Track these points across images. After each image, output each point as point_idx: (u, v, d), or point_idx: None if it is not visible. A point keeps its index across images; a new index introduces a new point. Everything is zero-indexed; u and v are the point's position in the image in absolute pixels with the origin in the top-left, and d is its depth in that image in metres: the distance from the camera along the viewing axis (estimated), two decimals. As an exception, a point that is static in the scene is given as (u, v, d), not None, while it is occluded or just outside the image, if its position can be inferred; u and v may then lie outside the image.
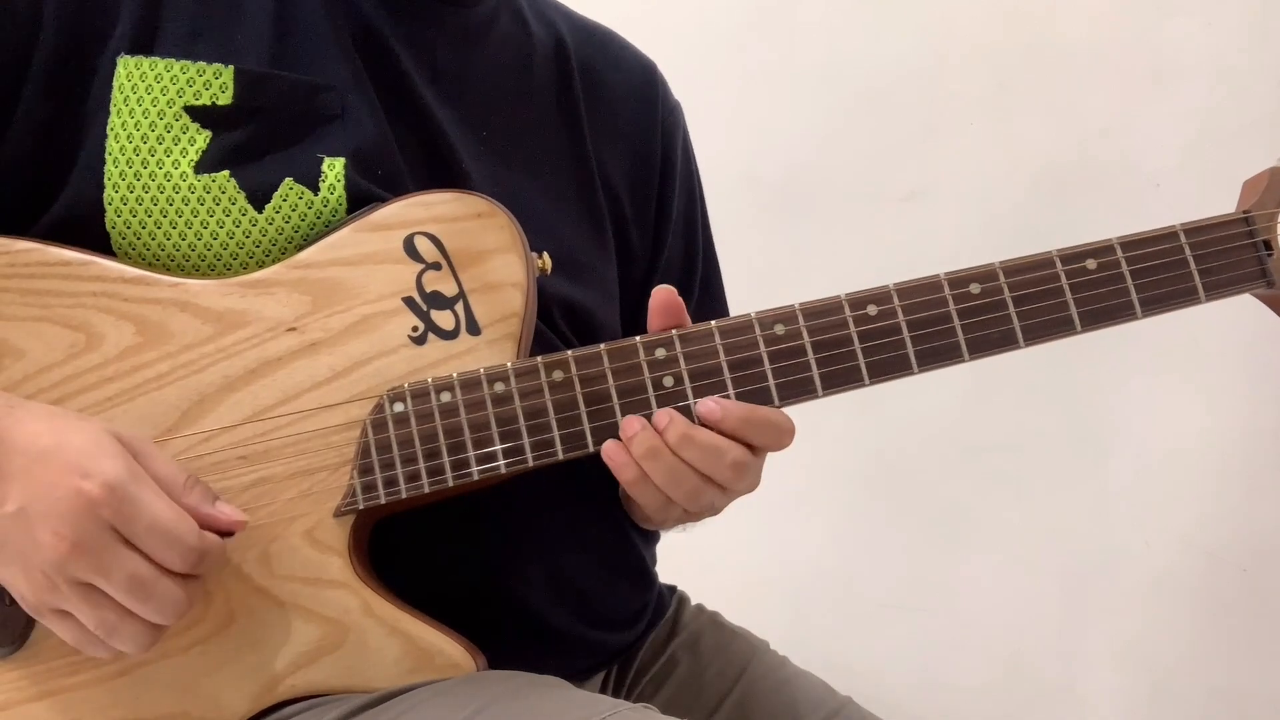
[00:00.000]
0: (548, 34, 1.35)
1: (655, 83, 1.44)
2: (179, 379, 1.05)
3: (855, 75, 2.25)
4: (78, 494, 0.92)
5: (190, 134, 1.10)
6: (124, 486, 0.93)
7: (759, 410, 1.06)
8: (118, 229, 1.08)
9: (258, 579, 1.05)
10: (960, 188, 2.19)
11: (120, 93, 1.10)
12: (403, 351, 1.07)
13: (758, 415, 1.06)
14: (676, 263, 1.44)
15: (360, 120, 1.15)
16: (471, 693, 1.03)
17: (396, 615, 1.06)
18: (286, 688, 1.06)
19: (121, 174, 1.08)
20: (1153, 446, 2.11)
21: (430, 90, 1.21)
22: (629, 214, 1.36)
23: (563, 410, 1.07)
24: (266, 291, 1.07)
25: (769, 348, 1.08)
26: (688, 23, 2.30)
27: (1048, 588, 2.19)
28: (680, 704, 1.35)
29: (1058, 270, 1.09)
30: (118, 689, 1.05)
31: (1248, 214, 1.12)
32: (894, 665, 2.25)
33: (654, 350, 1.07)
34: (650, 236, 1.40)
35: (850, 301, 1.08)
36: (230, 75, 1.12)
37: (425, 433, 1.06)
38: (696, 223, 1.47)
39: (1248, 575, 2.08)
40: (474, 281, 1.08)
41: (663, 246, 1.41)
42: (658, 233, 1.40)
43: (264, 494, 1.05)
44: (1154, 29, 2.08)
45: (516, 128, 1.29)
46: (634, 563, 1.35)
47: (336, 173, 1.12)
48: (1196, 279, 1.10)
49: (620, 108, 1.38)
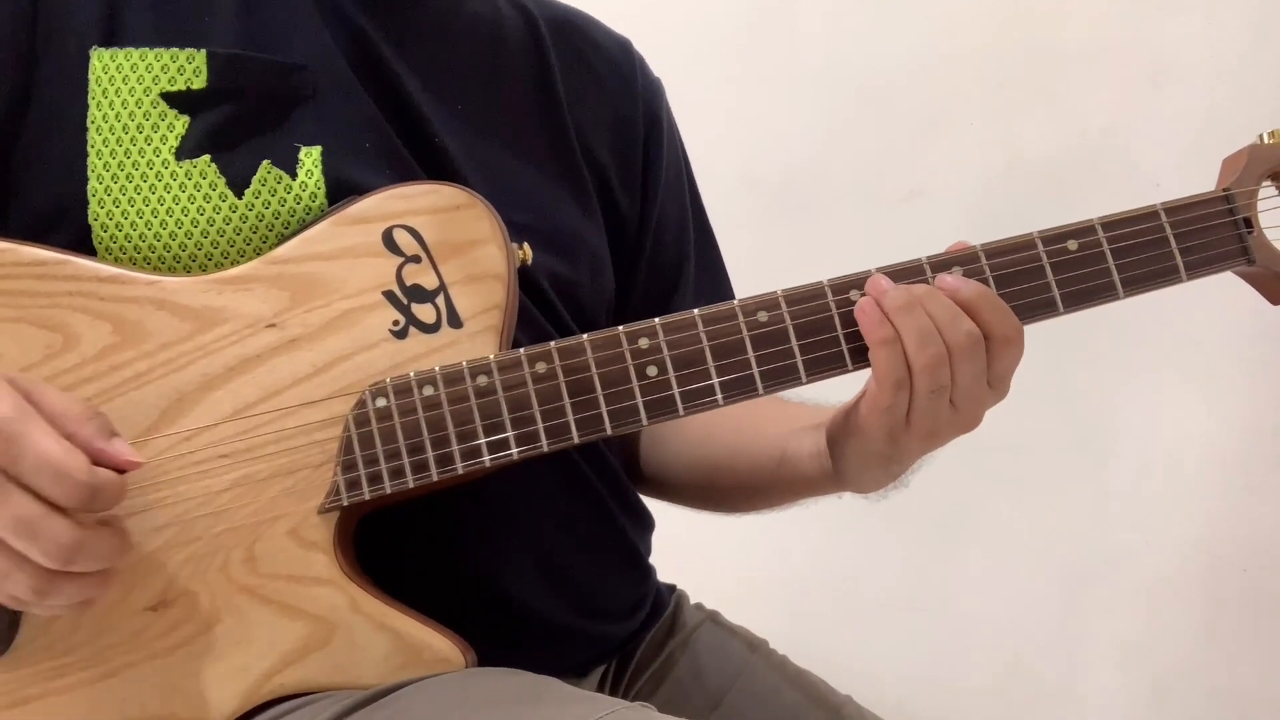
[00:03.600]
0: (519, 12, 1.36)
1: (632, 56, 1.45)
2: (158, 378, 1.05)
3: (855, 75, 2.25)
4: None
5: (169, 120, 1.10)
6: (9, 424, 0.89)
7: (991, 293, 1.07)
8: (100, 220, 1.08)
9: (243, 578, 1.04)
10: (960, 188, 2.19)
11: (98, 85, 1.10)
12: (384, 346, 1.06)
13: (991, 294, 1.07)
14: (671, 226, 1.44)
15: (334, 101, 1.16)
16: (464, 691, 1.02)
17: (384, 611, 1.06)
18: (274, 686, 1.05)
19: (105, 165, 1.08)
20: (1153, 446, 2.11)
21: (403, 66, 1.21)
22: (614, 179, 1.37)
23: (547, 401, 1.06)
24: (245, 288, 1.07)
25: (752, 334, 1.07)
26: (687, 22, 2.31)
27: (1048, 588, 2.19)
28: (679, 702, 1.35)
29: (1039, 251, 1.09)
30: (104, 691, 1.04)
31: (1227, 191, 1.12)
32: (894, 665, 2.24)
33: (637, 340, 1.07)
34: (639, 200, 1.40)
35: (833, 287, 1.08)
36: (203, 59, 1.12)
37: (409, 427, 1.05)
38: (684, 187, 1.48)
39: (1248, 575, 2.07)
40: (455, 274, 1.07)
41: (652, 208, 1.41)
42: (645, 194, 1.40)
43: (247, 492, 1.04)
44: (1154, 29, 2.08)
45: (492, 102, 1.29)
46: (626, 551, 1.35)
47: (313, 160, 1.12)
48: (1178, 257, 1.10)
49: (598, 78, 1.39)
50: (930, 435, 1.10)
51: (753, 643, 1.45)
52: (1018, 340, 1.07)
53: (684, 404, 1.07)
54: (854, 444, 1.15)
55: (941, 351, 1.05)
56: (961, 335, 1.05)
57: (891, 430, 1.08)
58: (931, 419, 1.07)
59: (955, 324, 1.05)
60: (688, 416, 1.08)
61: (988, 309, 1.06)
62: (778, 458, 1.26)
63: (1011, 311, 1.07)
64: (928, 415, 1.07)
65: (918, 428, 1.08)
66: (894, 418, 1.07)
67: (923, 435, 1.09)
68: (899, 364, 1.06)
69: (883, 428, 1.08)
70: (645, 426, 1.07)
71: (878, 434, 1.09)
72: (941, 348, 1.05)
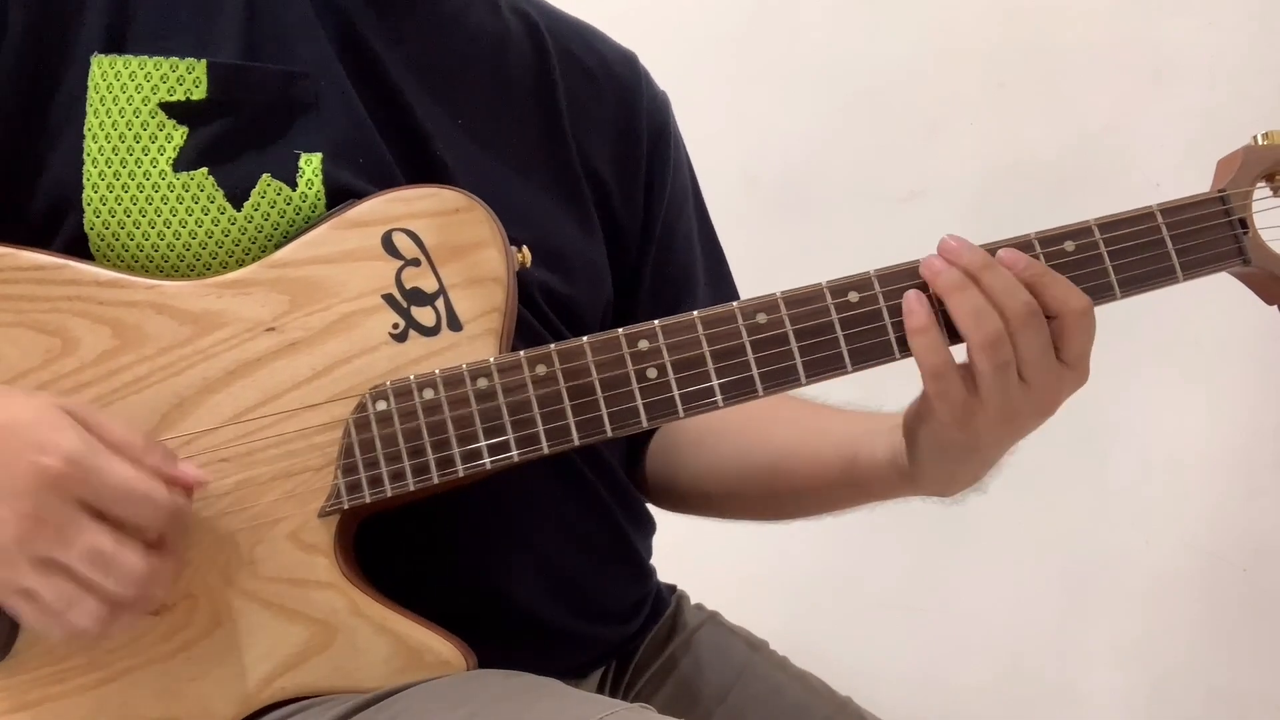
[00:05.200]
0: (523, 23, 1.35)
1: (637, 70, 1.44)
2: (157, 382, 1.05)
3: (855, 75, 2.25)
4: (38, 471, 0.91)
5: (167, 131, 1.10)
6: (85, 458, 0.92)
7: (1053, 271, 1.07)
8: (96, 230, 1.08)
9: (243, 581, 1.04)
10: (960, 188, 2.19)
11: (96, 92, 1.09)
12: (384, 349, 1.06)
13: (1051, 271, 1.06)
14: (679, 240, 1.44)
15: (335, 108, 1.15)
16: (465, 693, 1.02)
17: (385, 614, 1.06)
18: (275, 690, 1.05)
19: (101, 174, 1.08)
20: (1153, 446, 2.12)
21: (404, 77, 1.21)
22: (615, 192, 1.36)
23: (547, 404, 1.06)
24: (244, 291, 1.07)
25: (751, 336, 1.07)
26: (686, 22, 2.30)
27: (1048, 588, 2.19)
28: (679, 703, 1.34)
29: (1037, 253, 1.09)
30: (104, 696, 1.04)
31: (1223, 193, 1.12)
32: (894, 665, 2.24)
33: (637, 342, 1.07)
34: (641, 212, 1.40)
35: (831, 289, 1.08)
36: (203, 69, 1.11)
37: (409, 431, 1.05)
38: (690, 200, 1.48)
39: (1248, 575, 2.08)
40: (454, 277, 1.07)
41: (655, 221, 1.41)
42: (648, 207, 1.40)
43: (247, 496, 1.04)
44: (1154, 29, 2.08)
45: (493, 113, 1.28)
46: (627, 553, 1.35)
47: (314, 168, 1.12)
48: (1174, 258, 1.10)
49: (600, 92, 1.38)
50: (1007, 418, 1.07)
51: (753, 643, 1.44)
52: (1089, 314, 1.06)
53: (684, 405, 1.07)
54: (926, 433, 1.14)
55: (998, 327, 1.03)
56: (1020, 305, 1.04)
57: (957, 412, 1.07)
58: (1002, 397, 1.05)
59: (1013, 296, 1.04)
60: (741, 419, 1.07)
61: (1051, 284, 1.05)
62: (847, 458, 1.25)
63: (1076, 287, 1.06)
64: (997, 392, 1.05)
65: (991, 407, 1.06)
66: (952, 402, 1.06)
67: (999, 418, 1.07)
68: (934, 351, 1.05)
69: (946, 411, 1.07)
70: (645, 428, 1.07)
71: (947, 419, 1.08)
72: (998, 323, 1.03)
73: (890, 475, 1.21)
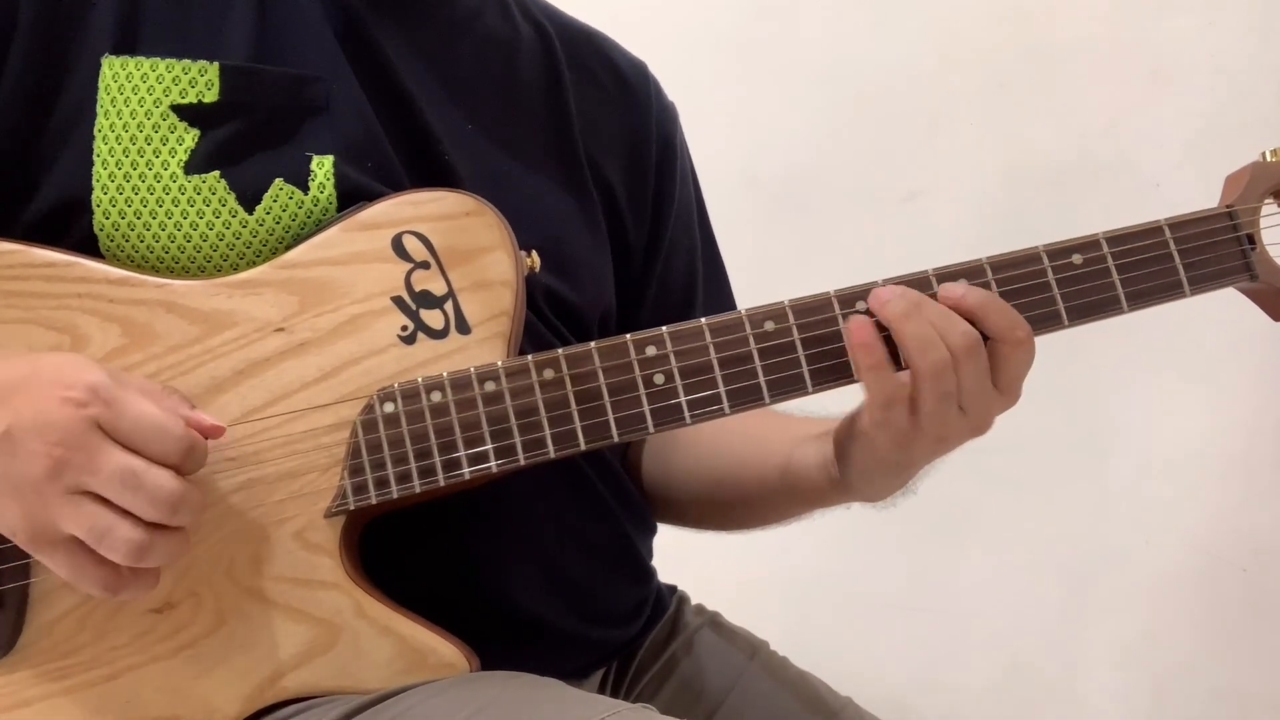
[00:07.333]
0: (535, 30, 1.35)
1: (648, 79, 1.44)
2: (166, 380, 1.05)
3: (855, 75, 2.25)
4: (62, 402, 0.93)
5: (179, 133, 1.10)
6: (108, 387, 0.94)
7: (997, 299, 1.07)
8: (105, 230, 1.08)
9: (248, 581, 1.05)
10: (960, 188, 2.19)
11: (107, 94, 1.09)
12: (392, 351, 1.06)
13: (996, 298, 1.07)
14: (682, 251, 1.44)
15: (347, 111, 1.15)
16: (468, 694, 1.02)
17: (389, 616, 1.06)
18: (279, 690, 1.05)
19: (110, 175, 1.08)
20: (1153, 446, 2.12)
21: (415, 80, 1.21)
22: (622, 199, 1.36)
23: (554, 409, 1.06)
24: (254, 292, 1.07)
25: (759, 345, 1.07)
26: (688, 23, 2.30)
27: (1048, 588, 2.19)
28: (680, 704, 1.34)
29: (1044, 266, 1.09)
30: (107, 693, 1.04)
31: (1231, 209, 1.13)
32: (894, 665, 2.25)
33: (644, 348, 1.07)
34: (648, 221, 1.40)
35: (840, 299, 1.08)
36: (216, 72, 1.11)
37: (416, 433, 1.05)
38: (694, 212, 1.47)
39: (1248, 575, 2.08)
40: (463, 280, 1.07)
41: (663, 230, 1.41)
42: (656, 216, 1.40)
43: (254, 495, 1.05)
44: (1154, 29, 2.08)
45: (503, 118, 1.29)
46: (630, 557, 1.35)
47: (326, 171, 1.12)
48: (1181, 273, 1.11)
49: (611, 100, 1.38)
50: (940, 440, 1.10)
51: (754, 644, 1.44)
52: (1027, 343, 1.07)
53: (690, 412, 1.07)
54: (859, 450, 1.15)
55: (945, 357, 1.05)
56: (958, 337, 1.05)
57: (897, 437, 1.08)
58: (940, 424, 1.07)
59: (954, 327, 1.05)
60: (696, 430, 1.08)
61: (995, 313, 1.06)
62: (782, 467, 1.26)
63: (1019, 315, 1.07)
64: (936, 420, 1.07)
65: (928, 433, 1.07)
66: (894, 429, 1.08)
67: (932, 440, 1.09)
68: (885, 383, 1.06)
69: (886, 437, 1.09)
70: (651, 434, 1.07)
71: (882, 441, 1.09)
72: (944, 353, 1.05)
73: (822, 483, 1.22)
